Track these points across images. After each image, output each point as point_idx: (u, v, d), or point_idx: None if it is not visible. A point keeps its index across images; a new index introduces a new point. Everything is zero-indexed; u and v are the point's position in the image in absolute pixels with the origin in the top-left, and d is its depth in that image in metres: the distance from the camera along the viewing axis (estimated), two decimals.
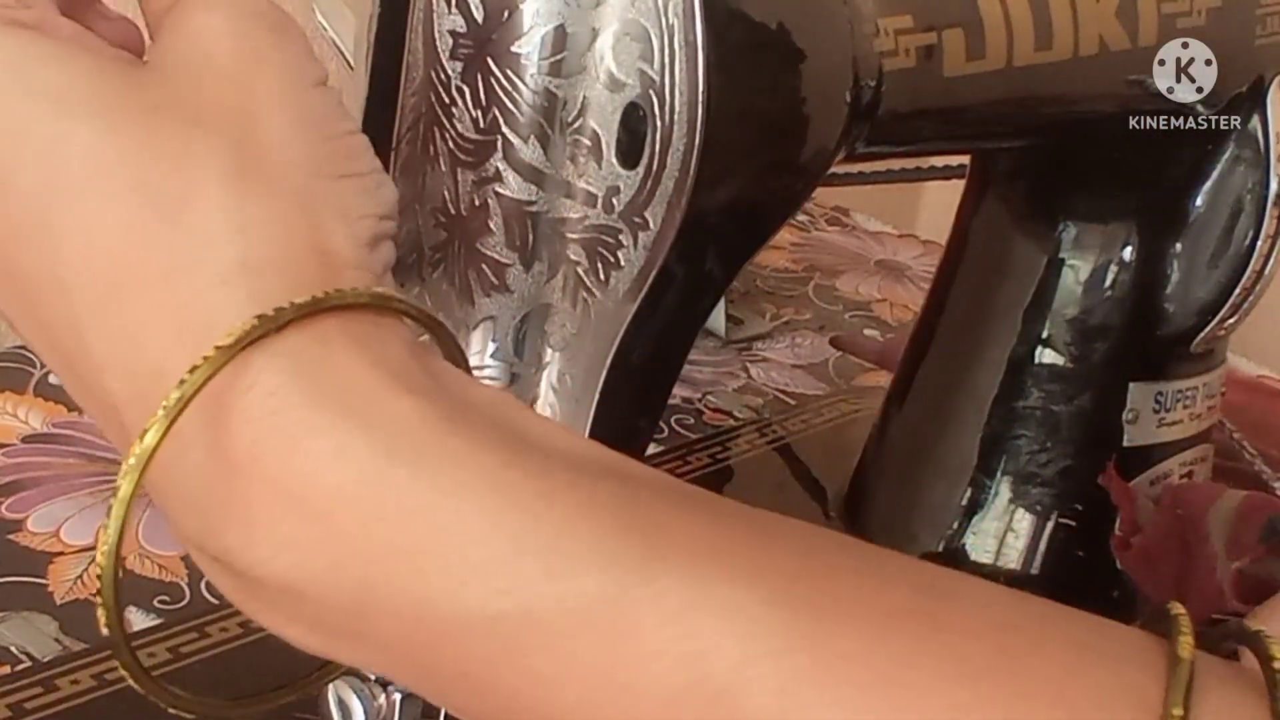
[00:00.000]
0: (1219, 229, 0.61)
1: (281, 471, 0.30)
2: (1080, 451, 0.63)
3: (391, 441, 0.30)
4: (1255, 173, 0.60)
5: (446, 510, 0.30)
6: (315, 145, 0.34)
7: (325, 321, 0.31)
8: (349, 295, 0.32)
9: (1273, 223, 0.60)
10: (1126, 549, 0.62)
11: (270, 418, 0.30)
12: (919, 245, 1.07)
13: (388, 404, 0.31)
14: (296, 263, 0.32)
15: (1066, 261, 0.63)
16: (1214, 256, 0.61)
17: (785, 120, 0.44)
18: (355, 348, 0.31)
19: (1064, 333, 0.63)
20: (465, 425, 0.31)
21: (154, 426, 0.30)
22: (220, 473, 0.31)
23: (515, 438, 0.31)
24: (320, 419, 0.30)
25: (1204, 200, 0.61)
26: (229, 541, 0.31)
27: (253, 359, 0.31)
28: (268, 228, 0.32)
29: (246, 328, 0.31)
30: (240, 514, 0.31)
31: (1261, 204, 0.60)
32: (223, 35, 0.35)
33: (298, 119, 0.34)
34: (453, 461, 0.30)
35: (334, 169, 0.34)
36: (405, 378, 0.31)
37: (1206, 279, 0.62)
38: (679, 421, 0.78)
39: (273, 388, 0.31)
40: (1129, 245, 0.62)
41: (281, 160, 0.33)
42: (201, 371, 0.30)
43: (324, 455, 0.30)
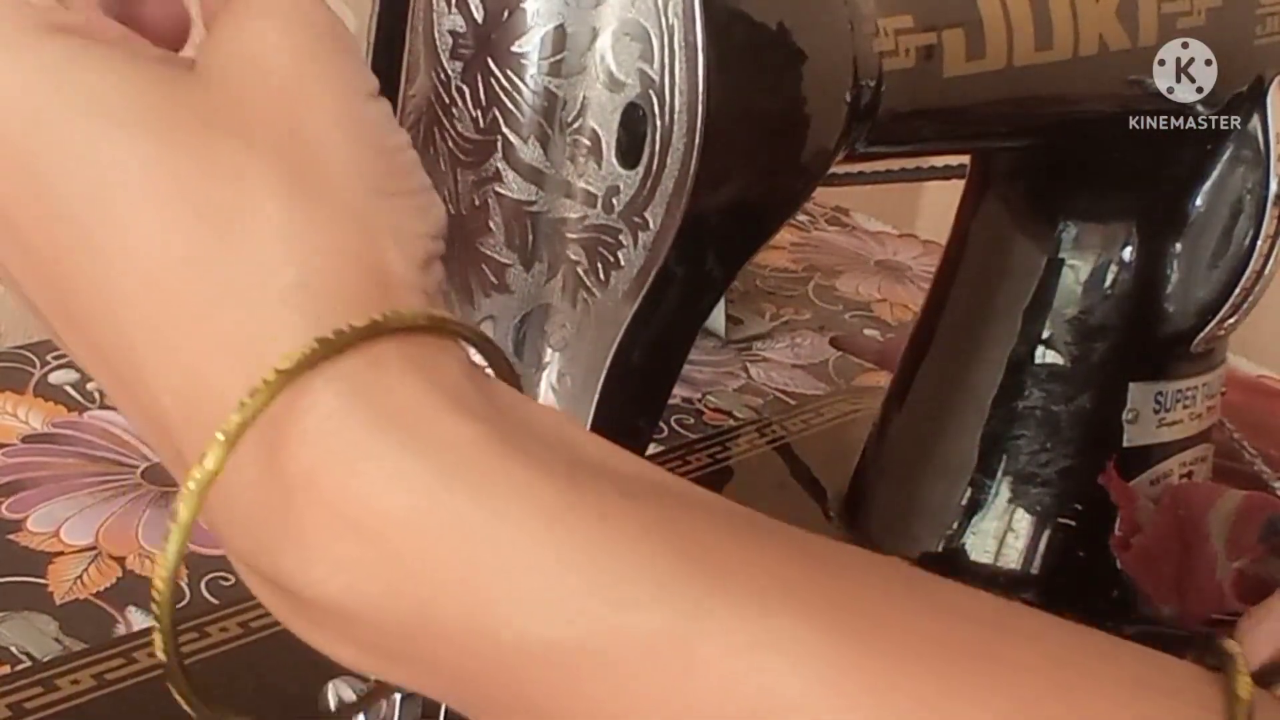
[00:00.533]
0: (1219, 229, 0.61)
1: (338, 494, 0.30)
2: (1080, 451, 0.63)
3: (449, 466, 0.30)
4: (1255, 173, 0.60)
5: (505, 537, 0.29)
6: (370, 161, 0.34)
7: (382, 344, 0.31)
8: (406, 318, 0.31)
9: (1273, 223, 0.60)
10: (1127, 549, 0.62)
11: (327, 440, 0.30)
12: (919, 245, 1.07)
13: (445, 428, 0.30)
14: (354, 284, 0.32)
15: (1066, 261, 0.63)
16: (1214, 256, 0.61)
17: (785, 120, 0.44)
18: (412, 371, 0.31)
19: (1064, 333, 0.63)
20: (522, 449, 0.31)
21: (214, 451, 0.30)
22: (276, 494, 0.31)
23: (573, 461, 0.31)
24: (378, 442, 0.30)
25: (1204, 200, 0.61)
26: (283, 562, 0.31)
27: (310, 381, 0.30)
28: (325, 248, 0.32)
29: (306, 351, 0.30)
30: (295, 535, 0.30)
31: (1261, 204, 0.60)
32: (278, 44, 0.34)
33: (353, 134, 0.33)
34: (510, 487, 0.30)
35: (388, 186, 0.34)
36: (462, 401, 0.31)
37: (1206, 279, 0.62)
38: (679, 421, 0.78)
39: (330, 410, 0.30)
40: (1129, 245, 0.62)
41: (338, 177, 0.33)
42: (261, 396, 0.30)
43: (381, 478, 0.30)
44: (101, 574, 0.60)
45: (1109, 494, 0.62)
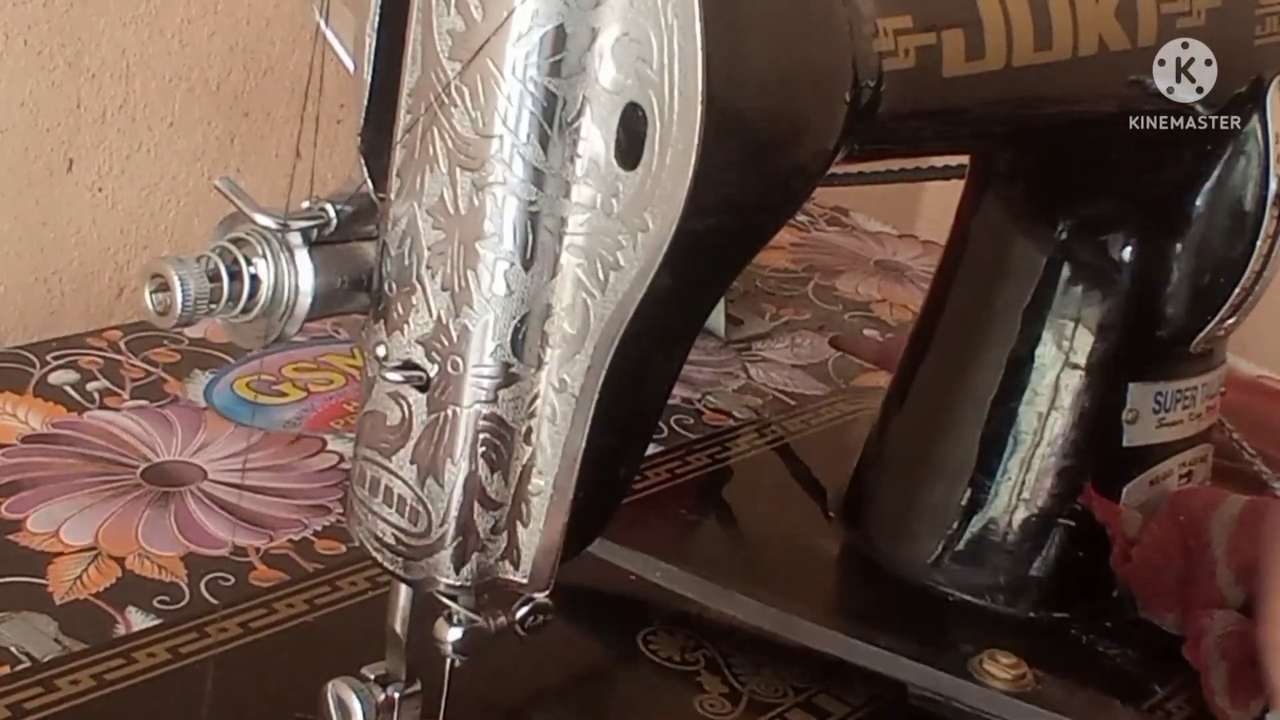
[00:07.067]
0: (1219, 229, 0.61)
1: None
2: (1080, 451, 0.63)
3: None
4: (1255, 173, 0.60)
5: None
6: None
7: None
8: None
9: (1273, 223, 0.60)
10: (1127, 562, 0.62)
11: None
12: (919, 245, 1.07)
13: None
14: None
15: (1066, 261, 0.63)
16: (1214, 256, 0.61)
17: (785, 121, 0.44)
18: None
19: (1063, 333, 0.63)
20: None
21: None
22: None
23: None
24: None
25: (1204, 200, 0.61)
26: None
27: None
28: None
29: None
30: None
31: (1261, 204, 0.60)
32: None
33: None
34: None
35: None
36: None
37: (1206, 279, 0.62)
38: (679, 421, 0.78)
39: None
40: (1129, 245, 0.62)
41: None
42: None
43: None
44: (101, 574, 0.60)
45: (1109, 494, 0.63)
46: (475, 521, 0.44)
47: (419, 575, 0.45)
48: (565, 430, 0.43)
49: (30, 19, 0.79)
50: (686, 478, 0.72)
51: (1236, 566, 0.61)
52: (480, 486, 0.44)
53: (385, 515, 0.45)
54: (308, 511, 0.66)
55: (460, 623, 0.46)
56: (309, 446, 0.72)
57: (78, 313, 0.86)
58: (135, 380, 0.75)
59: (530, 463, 0.44)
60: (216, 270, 0.43)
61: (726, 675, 0.59)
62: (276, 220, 0.43)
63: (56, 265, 0.85)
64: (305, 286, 0.44)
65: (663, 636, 0.60)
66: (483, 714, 0.54)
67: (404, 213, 0.43)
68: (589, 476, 0.43)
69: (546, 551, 0.44)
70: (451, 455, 0.43)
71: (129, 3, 0.83)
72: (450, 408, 0.43)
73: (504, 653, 0.55)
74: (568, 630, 0.59)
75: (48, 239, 0.84)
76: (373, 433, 0.45)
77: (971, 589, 0.64)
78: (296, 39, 0.90)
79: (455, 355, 0.43)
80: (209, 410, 0.74)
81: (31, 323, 0.84)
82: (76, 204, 0.85)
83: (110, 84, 0.83)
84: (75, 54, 0.82)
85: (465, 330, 0.42)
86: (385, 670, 0.49)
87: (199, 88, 0.87)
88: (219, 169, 0.88)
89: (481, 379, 0.43)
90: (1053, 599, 0.64)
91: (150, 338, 0.79)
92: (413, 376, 0.43)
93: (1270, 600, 0.53)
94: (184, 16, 0.85)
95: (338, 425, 0.73)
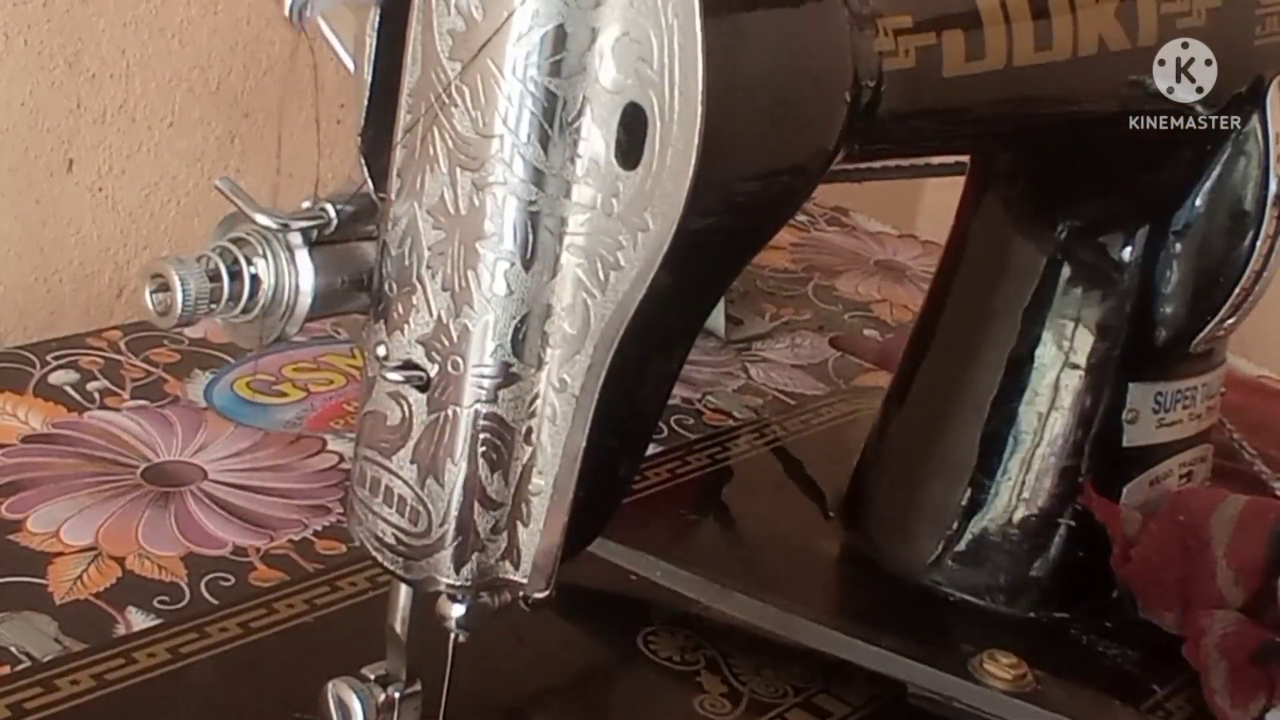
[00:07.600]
0: (1219, 229, 0.61)
1: None
2: (1080, 451, 0.63)
3: None
4: (1255, 173, 0.60)
5: None
6: None
7: None
8: None
9: (1273, 223, 0.60)
10: (1127, 562, 0.62)
11: None
12: (919, 245, 1.07)
13: None
14: None
15: (1066, 262, 0.63)
16: (1214, 256, 0.61)
17: (785, 121, 0.44)
18: None
19: (1063, 333, 0.63)
20: None
21: None
22: None
23: None
24: None
25: (1204, 200, 0.61)
26: None
27: None
28: None
29: None
30: None
31: (1261, 204, 0.60)
32: None
33: None
34: None
35: None
36: None
37: (1206, 279, 0.62)
38: (679, 421, 0.78)
39: None
40: (1129, 245, 0.62)
41: None
42: None
43: None
44: (101, 574, 0.60)
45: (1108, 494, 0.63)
46: (475, 521, 0.44)
47: (419, 575, 0.45)
48: (565, 430, 0.43)
49: (30, 19, 0.79)
50: (686, 478, 0.72)
51: (1236, 566, 0.61)
52: (480, 486, 0.44)
53: (385, 515, 0.45)
54: (308, 511, 0.66)
55: (463, 599, 0.46)
56: (309, 446, 0.72)
57: (78, 313, 0.86)
58: (135, 380, 0.75)
59: (530, 463, 0.44)
60: (217, 270, 0.43)
61: (726, 675, 0.59)
62: (277, 220, 0.44)
63: (56, 265, 0.85)
64: (305, 286, 0.44)
65: (663, 636, 0.60)
66: (483, 714, 0.54)
67: (404, 213, 0.43)
68: (589, 476, 0.43)
69: (547, 551, 0.44)
70: (452, 455, 0.43)
71: (129, 3, 0.83)
72: (450, 408, 0.43)
73: (504, 653, 0.55)
74: (568, 630, 0.59)
75: (48, 239, 0.84)
76: (373, 433, 0.45)
77: (971, 589, 0.64)
78: (296, 39, 0.89)
79: (455, 355, 0.43)
80: (209, 410, 0.74)
81: (31, 323, 0.84)
82: (76, 204, 0.85)
83: (110, 84, 0.83)
84: (75, 54, 0.82)
85: (465, 330, 0.42)
86: (385, 670, 0.49)
87: (199, 88, 0.87)
88: (219, 169, 0.88)
89: (482, 379, 0.43)
90: (1053, 599, 0.64)
91: (150, 338, 0.79)
92: (413, 376, 0.43)
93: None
94: (184, 16, 0.85)
95: (338, 425, 0.73)
